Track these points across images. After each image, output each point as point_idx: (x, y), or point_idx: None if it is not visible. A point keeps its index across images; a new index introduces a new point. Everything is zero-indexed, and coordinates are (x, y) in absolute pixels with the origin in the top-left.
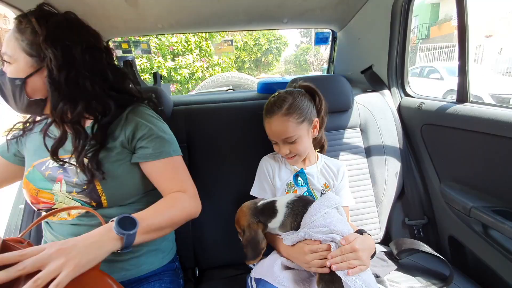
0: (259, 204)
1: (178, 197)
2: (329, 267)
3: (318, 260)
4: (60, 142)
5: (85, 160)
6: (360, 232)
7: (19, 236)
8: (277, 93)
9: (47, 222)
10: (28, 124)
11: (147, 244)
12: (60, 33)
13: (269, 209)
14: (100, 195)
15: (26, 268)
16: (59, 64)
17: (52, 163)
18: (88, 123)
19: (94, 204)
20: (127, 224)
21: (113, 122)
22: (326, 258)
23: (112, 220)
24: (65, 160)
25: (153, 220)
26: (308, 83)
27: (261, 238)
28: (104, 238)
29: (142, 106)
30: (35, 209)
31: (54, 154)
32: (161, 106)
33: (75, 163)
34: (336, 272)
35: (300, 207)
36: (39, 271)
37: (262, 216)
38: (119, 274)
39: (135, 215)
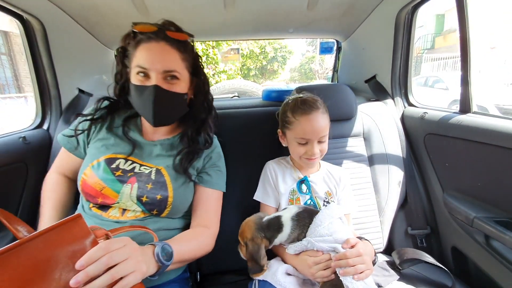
0: (264, 219)
1: (203, 233)
2: (335, 273)
3: (322, 271)
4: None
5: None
6: (359, 239)
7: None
8: (300, 95)
9: (87, 214)
10: (99, 119)
11: None
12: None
13: (275, 224)
14: (167, 206)
15: (113, 262)
16: (205, 84)
17: (123, 164)
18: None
19: (154, 212)
20: (166, 253)
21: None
22: (330, 268)
23: (152, 244)
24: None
25: (182, 255)
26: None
27: (263, 255)
28: (150, 257)
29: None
30: (84, 199)
31: (186, 169)
32: None
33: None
34: (341, 279)
35: (306, 218)
36: None
37: (268, 231)
38: None
39: (171, 244)
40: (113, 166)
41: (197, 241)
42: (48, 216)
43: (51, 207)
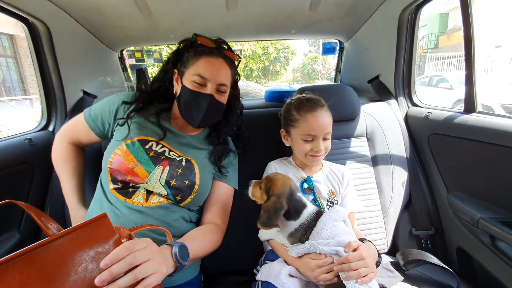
0: (297, 194)
1: (214, 229)
2: (338, 276)
3: (325, 274)
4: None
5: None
6: (361, 240)
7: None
8: (303, 95)
9: (110, 202)
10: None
11: None
12: None
13: (297, 209)
14: (192, 193)
15: (137, 262)
16: (238, 93)
17: (155, 146)
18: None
19: (178, 198)
20: (183, 254)
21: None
22: (333, 271)
23: (169, 244)
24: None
25: (196, 252)
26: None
27: (280, 216)
28: (168, 258)
29: None
30: (109, 177)
31: (219, 160)
32: None
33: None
34: (344, 283)
35: (312, 221)
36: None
37: (291, 205)
38: None
39: (185, 242)
40: (147, 146)
41: (209, 237)
42: (69, 186)
43: (69, 175)
